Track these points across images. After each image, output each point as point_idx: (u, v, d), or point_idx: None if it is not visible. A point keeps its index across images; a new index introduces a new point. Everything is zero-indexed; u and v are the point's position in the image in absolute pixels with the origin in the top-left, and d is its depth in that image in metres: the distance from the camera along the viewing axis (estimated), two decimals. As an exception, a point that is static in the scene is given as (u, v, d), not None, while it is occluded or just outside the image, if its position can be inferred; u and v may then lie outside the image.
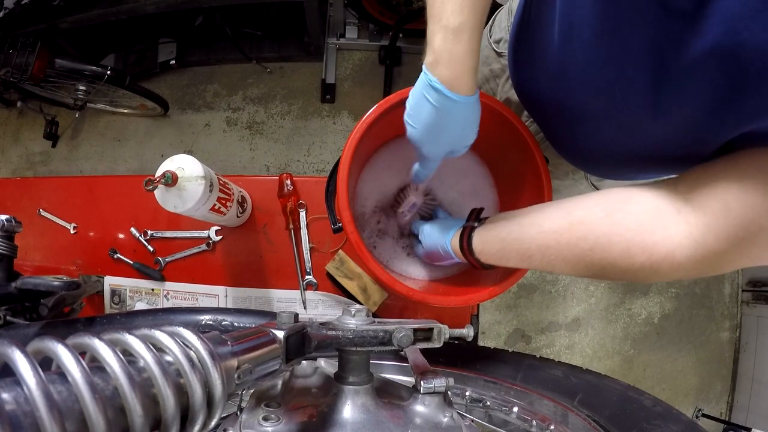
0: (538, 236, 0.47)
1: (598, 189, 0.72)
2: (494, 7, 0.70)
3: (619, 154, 0.51)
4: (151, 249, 0.82)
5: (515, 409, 0.53)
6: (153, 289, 0.82)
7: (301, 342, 0.35)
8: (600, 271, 0.43)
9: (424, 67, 0.47)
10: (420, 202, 0.68)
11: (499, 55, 0.67)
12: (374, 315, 0.56)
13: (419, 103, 0.49)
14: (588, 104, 0.47)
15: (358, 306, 0.41)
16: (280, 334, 0.32)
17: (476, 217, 0.58)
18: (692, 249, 0.37)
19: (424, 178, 0.59)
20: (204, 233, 0.81)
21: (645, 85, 0.38)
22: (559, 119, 0.55)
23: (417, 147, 0.53)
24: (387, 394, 0.41)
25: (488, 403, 0.54)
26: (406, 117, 0.52)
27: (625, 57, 0.38)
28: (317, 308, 0.80)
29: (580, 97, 0.47)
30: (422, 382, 0.39)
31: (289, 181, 0.78)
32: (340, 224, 0.58)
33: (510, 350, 0.64)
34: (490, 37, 0.68)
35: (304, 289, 0.79)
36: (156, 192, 0.59)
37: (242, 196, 0.76)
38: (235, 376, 0.26)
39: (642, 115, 0.41)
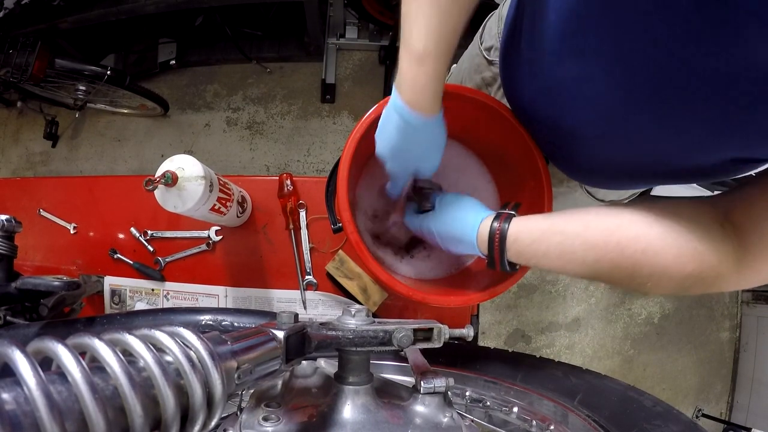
0: (585, 232, 0.44)
1: (593, 196, 0.72)
2: (485, 13, 0.68)
3: (620, 168, 0.50)
4: (151, 249, 0.82)
5: (515, 409, 0.53)
6: (153, 289, 0.82)
7: (301, 342, 0.35)
8: (646, 279, 0.41)
9: (393, 86, 0.48)
10: (400, 220, 0.68)
11: (491, 63, 0.66)
12: (374, 315, 0.56)
13: (386, 120, 0.50)
14: (587, 122, 0.46)
15: (358, 306, 0.41)
16: (280, 334, 0.32)
17: (513, 207, 0.53)
18: (735, 261, 0.38)
19: (396, 195, 0.60)
20: (204, 233, 0.81)
21: (650, 104, 0.37)
22: (555, 135, 0.54)
23: (383, 163, 0.54)
24: (387, 394, 0.41)
25: (488, 403, 0.54)
26: (376, 133, 0.53)
27: (628, 76, 0.37)
28: (317, 308, 0.80)
29: (578, 116, 0.46)
30: (422, 382, 0.39)
31: (289, 181, 0.78)
32: (340, 224, 0.58)
33: (510, 350, 0.64)
34: (481, 44, 0.67)
35: (304, 289, 0.79)
36: (156, 192, 0.59)
37: (242, 196, 0.76)
38: (235, 376, 0.26)
39: (646, 134, 0.40)
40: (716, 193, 0.42)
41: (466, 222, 0.53)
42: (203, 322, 0.57)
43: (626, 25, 0.35)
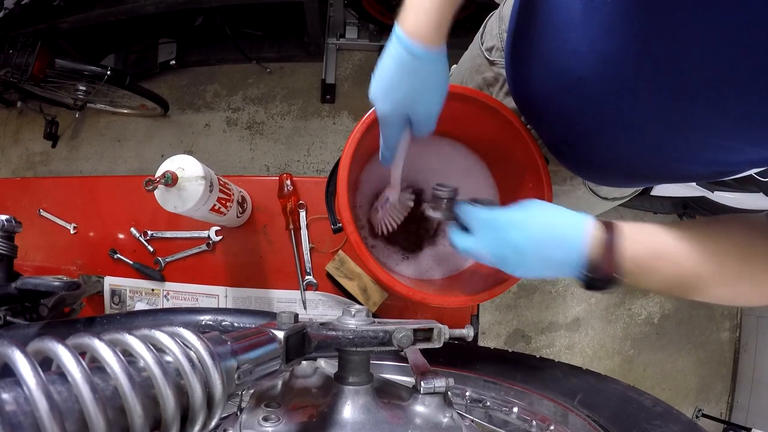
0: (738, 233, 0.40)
1: (596, 194, 0.71)
2: (485, 13, 0.68)
3: (635, 168, 0.49)
4: (151, 249, 0.82)
5: (515, 409, 0.53)
6: (153, 290, 0.82)
7: (301, 342, 0.35)
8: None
9: (395, 23, 0.46)
10: (395, 198, 0.62)
11: (492, 63, 0.65)
12: (374, 315, 0.56)
13: (383, 56, 0.47)
14: (606, 120, 0.44)
15: (358, 306, 0.41)
16: (280, 335, 0.32)
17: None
18: None
19: (390, 158, 0.55)
20: (204, 233, 0.81)
21: (673, 103, 0.36)
22: (569, 133, 0.53)
23: (373, 106, 0.50)
24: (387, 394, 0.41)
25: (488, 403, 0.54)
26: (373, 74, 0.49)
27: (653, 73, 0.36)
28: (317, 308, 0.80)
29: (597, 113, 0.45)
30: (422, 383, 0.39)
31: (289, 181, 0.78)
32: (340, 224, 0.58)
33: (510, 350, 0.64)
34: (482, 45, 0.67)
35: (304, 290, 0.79)
36: (156, 192, 0.59)
37: (242, 197, 0.76)
38: (235, 376, 0.26)
39: (665, 134, 0.40)
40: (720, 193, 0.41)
41: (566, 229, 0.43)
42: (203, 323, 0.57)
43: (652, 21, 0.34)
